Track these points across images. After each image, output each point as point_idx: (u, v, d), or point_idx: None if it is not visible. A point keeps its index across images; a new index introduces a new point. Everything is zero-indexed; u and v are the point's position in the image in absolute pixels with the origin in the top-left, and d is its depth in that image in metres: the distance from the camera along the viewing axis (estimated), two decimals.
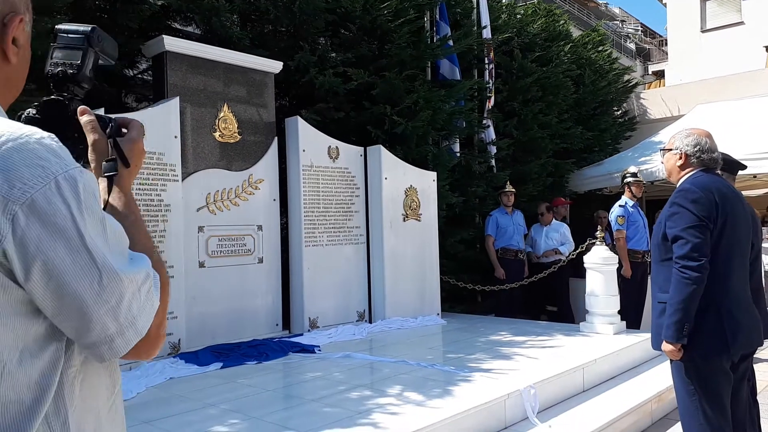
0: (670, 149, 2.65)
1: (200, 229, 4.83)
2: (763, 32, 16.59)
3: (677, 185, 2.59)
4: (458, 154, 7.18)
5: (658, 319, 2.48)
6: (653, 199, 10.22)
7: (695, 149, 2.56)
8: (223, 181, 4.99)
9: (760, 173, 7.64)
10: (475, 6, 7.76)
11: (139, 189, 4.31)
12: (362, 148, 6.00)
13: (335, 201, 5.76)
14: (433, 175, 6.46)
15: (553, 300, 7.70)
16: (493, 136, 7.70)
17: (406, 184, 6.17)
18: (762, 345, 2.56)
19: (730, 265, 2.42)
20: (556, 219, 8.15)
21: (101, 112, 4.00)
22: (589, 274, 5.53)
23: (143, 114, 4.41)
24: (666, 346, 2.42)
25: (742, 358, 2.49)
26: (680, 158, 2.60)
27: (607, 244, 5.75)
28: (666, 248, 2.47)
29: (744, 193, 10.05)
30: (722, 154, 2.77)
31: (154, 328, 0.90)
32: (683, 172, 2.60)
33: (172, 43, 4.65)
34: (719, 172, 2.67)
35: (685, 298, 2.33)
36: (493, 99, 7.72)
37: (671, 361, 2.52)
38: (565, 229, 7.42)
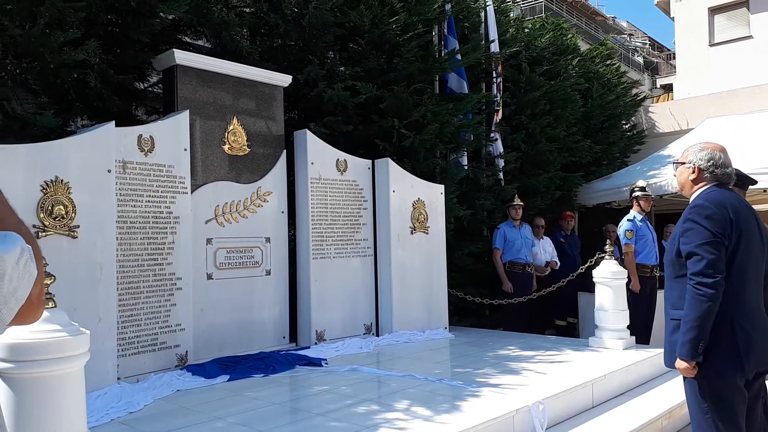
0: (683, 163, 2.63)
1: (208, 241, 4.84)
2: None
3: (690, 200, 2.58)
4: (466, 167, 7.17)
5: (672, 336, 2.45)
6: (662, 213, 10.16)
7: (709, 164, 2.54)
8: (232, 193, 5.01)
9: None
10: (483, 20, 7.79)
11: (149, 201, 4.33)
12: (370, 160, 6.00)
13: (343, 213, 5.75)
14: (441, 188, 6.45)
15: (561, 314, 7.66)
16: (501, 150, 7.69)
17: (414, 197, 6.16)
18: None
19: (745, 281, 2.40)
20: (565, 232, 8.15)
21: (112, 125, 4.04)
22: (598, 289, 5.49)
23: (153, 127, 4.44)
24: (680, 364, 2.39)
25: (756, 375, 2.46)
26: (693, 172, 2.58)
27: (615, 258, 5.71)
28: (680, 265, 2.45)
29: (754, 207, 10.00)
30: (734, 168, 2.75)
31: (35, 296, 1.02)
32: (696, 187, 2.58)
33: (182, 57, 4.69)
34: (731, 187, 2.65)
35: (701, 315, 2.30)
36: (500, 112, 7.73)
37: (684, 378, 2.48)
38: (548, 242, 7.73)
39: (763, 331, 2.41)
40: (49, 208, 3.66)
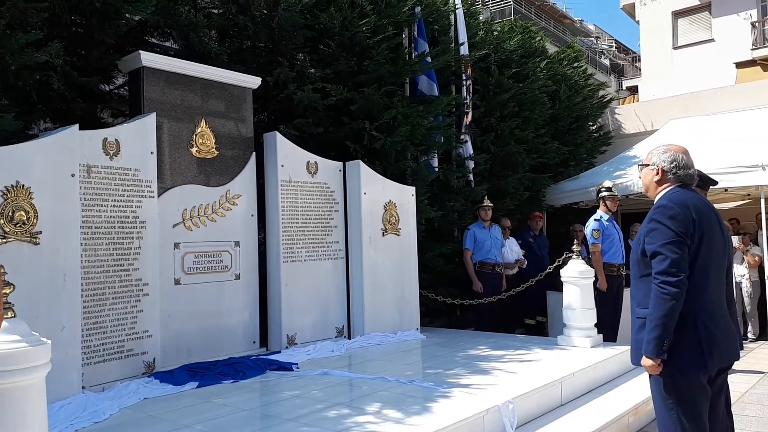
0: (648, 165, 2.69)
1: (176, 245, 4.77)
2: (733, 49, 17.07)
3: (654, 201, 2.63)
4: (437, 169, 7.21)
5: (637, 334, 2.51)
6: (628, 212, 10.36)
7: (672, 165, 2.60)
8: (200, 196, 4.94)
9: (731, 187, 7.81)
10: (453, 23, 7.84)
11: (114, 206, 4.25)
12: (341, 163, 5.99)
13: (314, 216, 5.73)
14: (412, 189, 6.47)
15: (531, 313, 7.75)
16: (471, 151, 7.75)
17: (385, 199, 6.17)
18: (738, 359, 2.60)
19: (707, 279, 2.46)
20: (533, 232, 8.26)
21: (76, 128, 3.95)
22: (566, 288, 5.57)
23: (119, 130, 4.36)
24: (646, 362, 2.44)
25: (718, 372, 2.53)
26: (657, 174, 2.64)
27: (583, 258, 5.81)
28: (645, 264, 2.50)
29: (716, 205, 10.24)
30: (696, 169, 2.82)
31: None
32: (660, 188, 2.64)
33: (149, 59, 4.61)
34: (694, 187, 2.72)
35: (665, 313, 2.36)
36: (470, 114, 7.79)
37: (650, 375, 2.54)
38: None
39: (724, 329, 2.48)
40: (10, 214, 3.56)
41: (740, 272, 7.73)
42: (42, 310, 3.66)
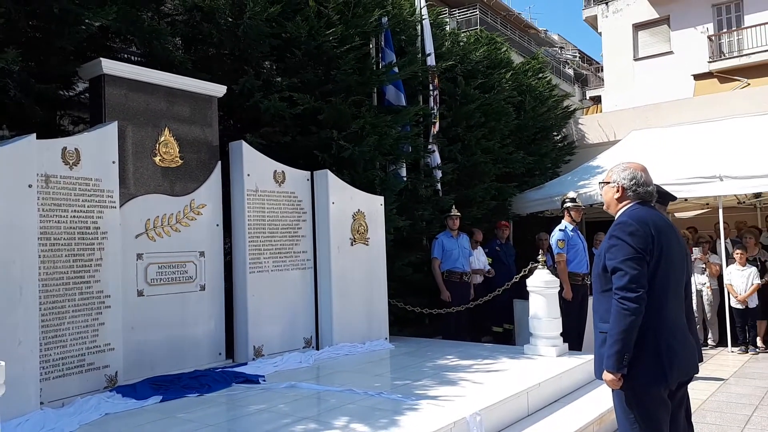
0: (608, 182, 2.74)
1: (139, 256, 4.67)
2: (691, 61, 17.60)
3: (615, 217, 2.68)
4: (405, 179, 7.23)
5: (600, 348, 2.54)
6: (592, 221, 10.57)
7: (632, 183, 2.66)
8: (164, 206, 4.86)
9: (691, 197, 8.03)
10: (420, 34, 7.89)
11: (74, 216, 4.14)
12: (309, 172, 5.95)
13: (281, 225, 5.68)
14: (381, 199, 6.47)
15: (498, 321, 7.81)
16: (439, 161, 7.80)
17: (354, 209, 6.15)
18: (698, 371, 2.65)
19: (666, 295, 2.51)
20: (500, 241, 8.35)
21: (33, 138, 3.84)
22: (532, 297, 5.63)
23: (79, 139, 4.26)
24: (607, 376, 2.48)
25: (679, 385, 2.58)
26: (618, 191, 2.69)
27: (548, 267, 5.89)
28: (606, 279, 2.55)
29: (676, 214, 10.51)
30: (655, 185, 2.89)
31: None
32: (621, 205, 2.69)
33: (110, 66, 4.52)
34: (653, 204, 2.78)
35: (625, 328, 2.40)
36: (437, 124, 7.83)
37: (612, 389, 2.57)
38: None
39: (684, 343, 2.53)
40: None
41: (701, 281, 7.93)
42: None
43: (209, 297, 5.12)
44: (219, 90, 5.35)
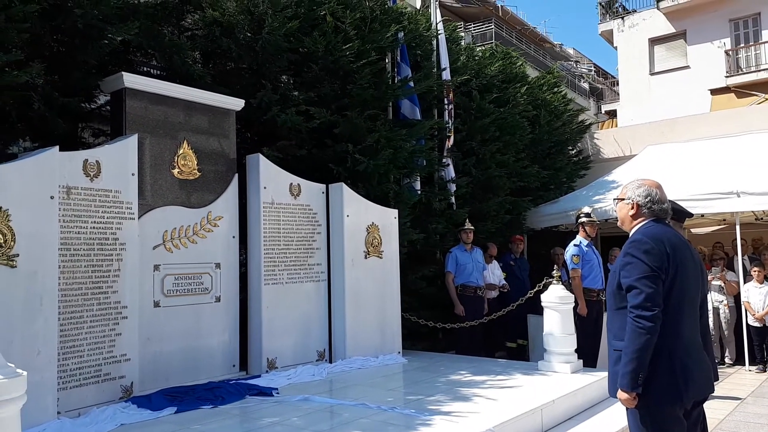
0: (623, 199, 2.74)
1: (156, 267, 4.73)
2: (707, 76, 17.49)
3: (630, 234, 2.68)
4: (419, 192, 7.25)
5: (614, 366, 2.53)
6: (607, 236, 10.49)
7: (646, 200, 2.66)
8: (181, 218, 4.92)
9: (707, 213, 7.96)
10: (435, 48, 7.95)
11: (94, 227, 4.21)
12: (324, 185, 6.00)
13: (296, 238, 5.72)
14: (395, 212, 6.50)
15: (512, 336, 7.77)
16: (453, 175, 7.82)
17: (368, 221, 6.18)
18: (713, 391, 2.63)
19: (681, 313, 2.50)
20: (514, 255, 8.33)
21: (56, 150, 3.92)
22: (546, 313, 5.61)
23: (100, 151, 4.34)
24: (621, 395, 2.47)
25: (694, 404, 2.56)
26: (632, 208, 2.69)
27: (563, 282, 5.86)
28: (621, 297, 2.54)
29: (693, 230, 10.40)
30: (671, 202, 2.89)
31: None
32: (635, 222, 2.69)
33: (131, 80, 4.61)
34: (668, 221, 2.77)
35: (640, 347, 2.39)
36: (452, 138, 7.86)
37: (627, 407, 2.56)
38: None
39: (699, 362, 2.52)
40: None
41: (718, 298, 7.84)
42: (17, 334, 3.60)
43: (224, 309, 5.16)
44: (237, 104, 5.42)
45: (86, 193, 4.19)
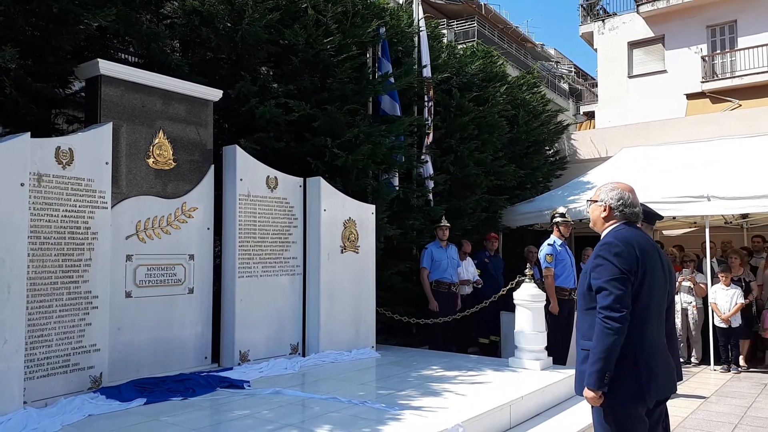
0: (596, 201, 2.79)
1: (128, 257, 4.68)
2: (684, 81, 17.79)
3: (601, 236, 2.73)
4: (397, 188, 7.27)
5: (582, 365, 2.58)
6: (581, 235, 10.64)
7: (619, 203, 2.71)
8: (155, 208, 4.87)
9: (679, 215, 8.12)
10: (417, 45, 7.96)
11: (65, 216, 4.15)
12: (302, 178, 5.99)
13: (272, 231, 5.70)
14: (372, 207, 6.51)
15: (484, 332, 7.85)
16: (431, 171, 7.85)
17: (345, 216, 6.19)
18: (675, 391, 2.70)
19: (648, 315, 2.56)
20: (489, 253, 8.41)
21: (27, 136, 3.85)
22: (518, 311, 5.68)
23: (73, 139, 4.27)
24: (587, 393, 2.52)
25: (656, 403, 2.62)
26: (605, 210, 2.74)
27: (535, 280, 5.93)
28: (590, 298, 2.59)
29: (664, 232, 10.59)
30: (642, 206, 2.94)
31: None
32: (607, 224, 2.74)
33: (107, 67, 4.54)
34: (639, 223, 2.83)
35: (607, 347, 2.44)
36: (431, 135, 7.89)
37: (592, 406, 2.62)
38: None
39: (663, 364, 2.58)
40: None
41: (687, 299, 8.01)
42: None
43: (197, 300, 5.13)
44: (215, 94, 5.38)
45: (58, 180, 4.12)
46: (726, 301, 7.49)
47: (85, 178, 4.28)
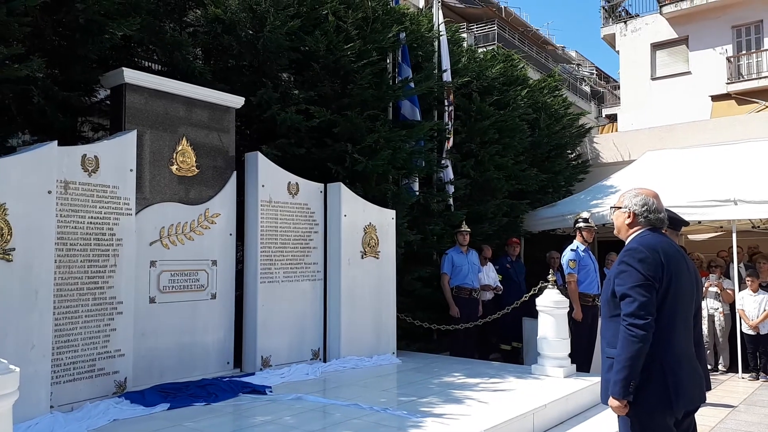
0: (620, 207, 2.75)
1: (152, 263, 4.73)
2: (708, 82, 17.50)
3: (626, 243, 2.69)
4: (417, 193, 7.26)
5: (607, 374, 2.54)
6: (604, 240, 10.50)
7: (643, 209, 2.67)
8: (179, 214, 4.92)
9: (704, 220, 7.98)
10: (437, 50, 7.95)
11: (91, 222, 4.21)
12: (322, 184, 6.01)
13: (293, 237, 5.72)
14: (392, 213, 6.51)
15: (506, 338, 7.79)
16: (451, 176, 7.83)
17: (365, 222, 6.19)
18: (704, 401, 2.64)
19: (674, 322, 2.51)
20: (510, 258, 8.34)
21: (54, 145, 3.92)
22: (541, 317, 5.62)
23: (98, 147, 4.34)
24: (612, 402, 2.48)
25: (685, 414, 2.57)
26: (629, 217, 2.70)
27: (558, 286, 5.87)
28: (615, 304, 2.55)
29: (690, 236, 10.40)
30: (667, 211, 2.90)
31: None
32: (631, 231, 2.70)
33: (131, 76, 4.61)
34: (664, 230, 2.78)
35: (632, 355, 2.40)
36: (451, 140, 7.87)
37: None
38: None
39: (691, 373, 2.53)
40: None
41: (713, 305, 7.86)
42: (12, 328, 3.60)
43: (220, 306, 5.17)
44: (237, 101, 5.43)
45: (84, 188, 4.19)
46: (754, 307, 7.33)
47: (110, 185, 4.34)
